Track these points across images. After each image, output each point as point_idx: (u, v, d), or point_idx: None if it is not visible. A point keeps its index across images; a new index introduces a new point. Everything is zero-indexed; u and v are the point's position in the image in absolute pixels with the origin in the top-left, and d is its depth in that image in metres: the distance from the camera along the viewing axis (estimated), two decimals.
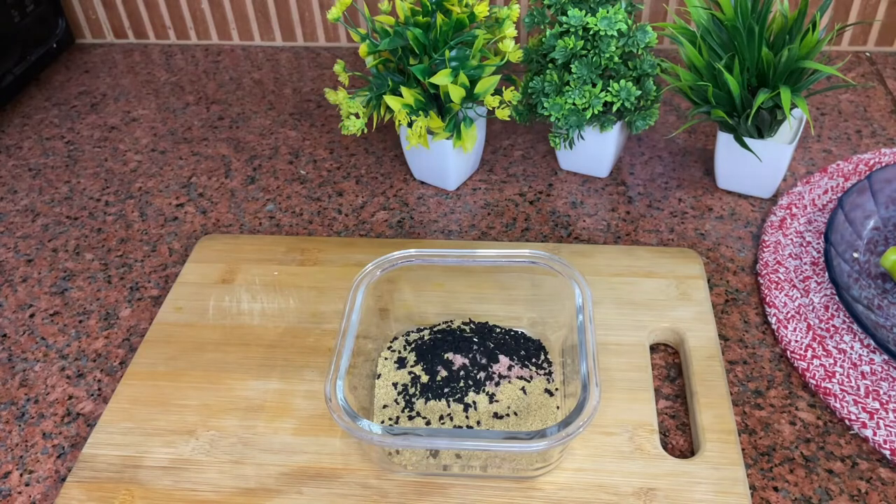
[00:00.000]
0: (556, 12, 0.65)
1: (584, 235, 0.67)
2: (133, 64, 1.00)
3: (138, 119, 0.88)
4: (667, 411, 0.52)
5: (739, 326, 0.58)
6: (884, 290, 0.58)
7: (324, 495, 0.47)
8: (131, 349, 0.59)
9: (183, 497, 0.48)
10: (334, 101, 0.68)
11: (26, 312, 0.63)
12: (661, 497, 0.46)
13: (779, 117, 0.64)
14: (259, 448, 0.50)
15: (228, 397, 0.54)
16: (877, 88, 0.84)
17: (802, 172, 0.72)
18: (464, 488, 0.47)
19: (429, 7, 0.64)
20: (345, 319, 0.49)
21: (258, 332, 0.58)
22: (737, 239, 0.66)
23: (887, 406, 0.51)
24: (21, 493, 0.50)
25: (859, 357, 0.54)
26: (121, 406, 0.54)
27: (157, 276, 0.66)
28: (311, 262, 0.64)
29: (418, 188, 0.74)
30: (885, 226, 0.64)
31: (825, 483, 0.47)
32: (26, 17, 0.92)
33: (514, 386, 0.51)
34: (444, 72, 0.62)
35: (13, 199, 0.77)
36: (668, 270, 0.60)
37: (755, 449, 0.49)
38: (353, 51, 0.99)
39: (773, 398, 0.52)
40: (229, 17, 1.00)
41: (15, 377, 0.58)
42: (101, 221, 0.73)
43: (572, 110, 0.66)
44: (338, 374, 0.46)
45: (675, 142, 0.78)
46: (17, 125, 0.88)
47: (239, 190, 0.75)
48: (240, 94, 0.91)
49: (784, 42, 0.61)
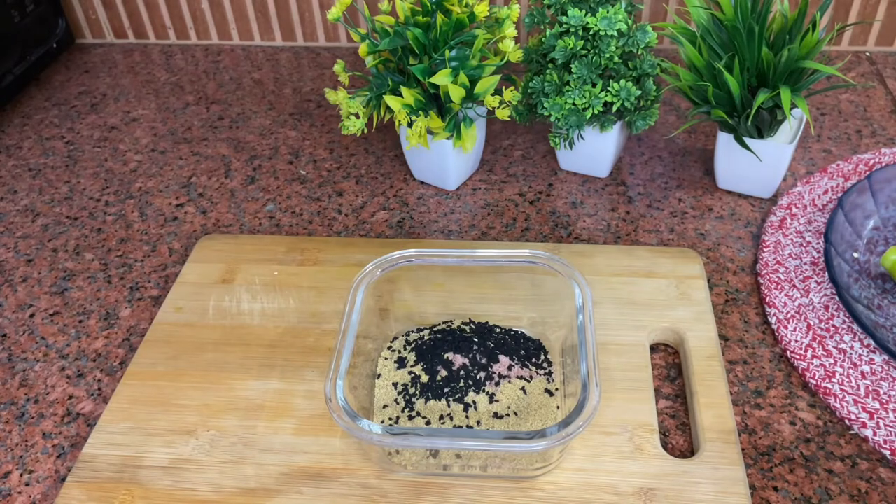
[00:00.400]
0: (556, 12, 0.65)
1: (584, 235, 0.67)
2: (133, 64, 1.00)
3: (138, 119, 0.88)
4: (667, 411, 0.52)
5: (739, 326, 0.58)
6: (884, 290, 0.58)
7: (324, 495, 0.47)
8: (131, 349, 0.59)
9: (183, 497, 0.48)
10: (334, 101, 0.68)
11: (26, 312, 0.63)
12: (661, 497, 0.46)
13: (779, 117, 0.64)
14: (259, 448, 0.50)
15: (228, 397, 0.54)
16: (877, 88, 0.84)
17: (802, 172, 0.72)
18: (464, 488, 0.47)
19: (429, 7, 0.64)
20: (345, 319, 0.49)
21: (258, 332, 0.58)
22: (737, 239, 0.66)
23: (887, 406, 0.51)
24: (21, 493, 0.50)
25: (859, 357, 0.54)
26: (121, 406, 0.54)
27: (157, 276, 0.66)
28: (311, 262, 0.64)
29: (418, 188, 0.74)
30: (885, 226, 0.64)
31: (825, 483, 0.47)
32: (26, 17, 0.92)
33: (514, 386, 0.51)
34: (444, 72, 0.62)
35: (13, 199, 0.77)
36: (668, 270, 0.60)
37: (755, 449, 0.49)
38: (353, 51, 0.99)
39: (773, 398, 0.52)
40: (229, 17, 1.00)
41: (15, 377, 0.58)
42: (101, 221, 0.73)
43: (572, 110, 0.66)
44: (338, 374, 0.46)
45: (675, 142, 0.78)
46: (17, 125, 0.88)
47: (239, 190, 0.75)
48: (240, 94, 0.91)
49: (784, 42, 0.61)
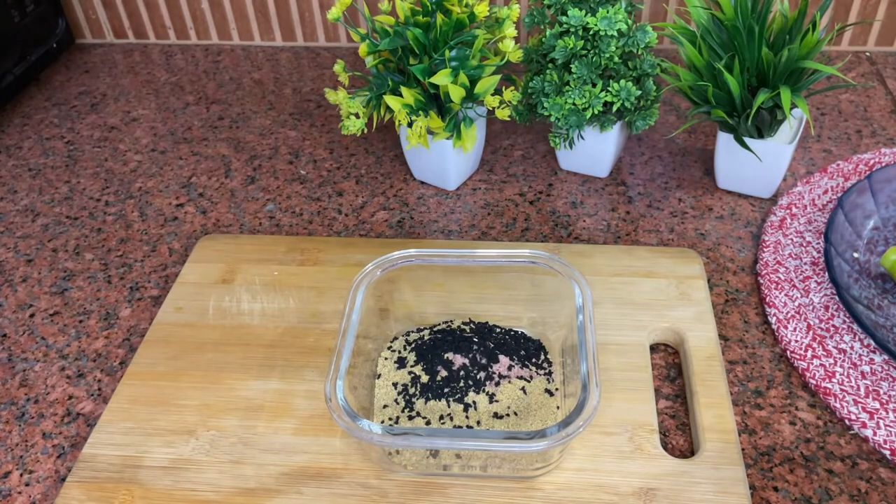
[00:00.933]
0: (556, 12, 0.65)
1: (584, 235, 0.67)
2: (133, 64, 1.00)
3: (138, 119, 0.88)
4: (667, 411, 0.52)
5: (739, 326, 0.58)
6: (884, 290, 0.58)
7: (324, 495, 0.47)
8: (131, 349, 0.59)
9: (183, 497, 0.48)
10: (334, 101, 0.68)
11: (26, 312, 0.63)
12: (661, 497, 0.46)
13: (779, 117, 0.64)
14: (259, 448, 0.50)
15: (228, 397, 0.54)
16: (877, 88, 0.84)
17: (802, 172, 0.72)
18: (464, 488, 0.47)
19: (429, 7, 0.64)
20: (345, 319, 0.49)
21: (258, 332, 0.58)
22: (737, 239, 0.65)
23: (887, 406, 0.51)
24: (21, 493, 0.50)
25: (859, 357, 0.54)
26: (121, 406, 0.54)
27: (157, 276, 0.66)
28: (311, 262, 0.64)
29: (418, 188, 0.74)
30: (885, 226, 0.64)
31: (825, 483, 0.47)
32: (26, 17, 0.92)
33: (514, 386, 0.51)
34: (444, 72, 0.62)
35: (13, 199, 0.77)
36: (668, 270, 0.60)
37: (755, 449, 0.49)
38: (353, 51, 0.99)
39: (773, 398, 0.52)
40: (229, 17, 1.00)
41: (15, 377, 0.58)
42: (101, 221, 0.73)
43: (572, 110, 0.66)
44: (338, 374, 0.46)
45: (675, 142, 0.78)
46: (17, 125, 0.88)
47: (239, 190, 0.75)
48: (240, 94, 0.91)
49: (784, 42, 0.61)
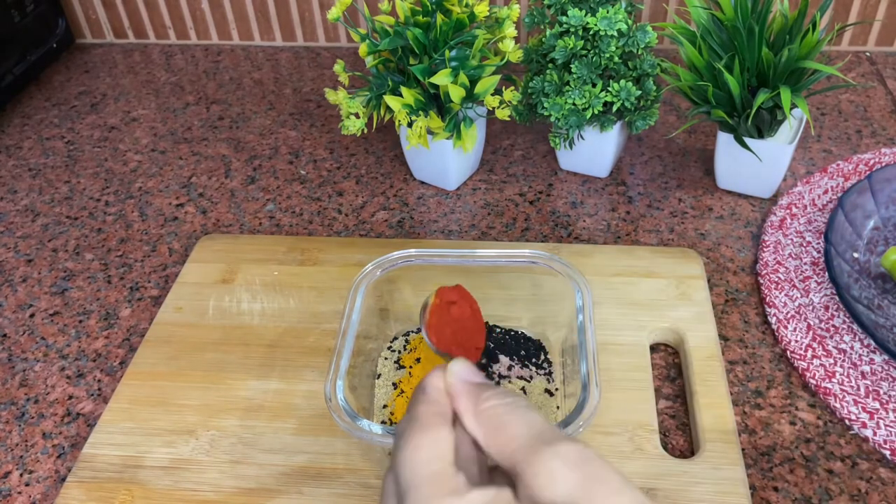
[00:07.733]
0: (556, 12, 0.65)
1: (584, 235, 0.67)
2: (133, 64, 1.00)
3: (138, 119, 0.88)
4: (667, 411, 0.52)
5: (739, 326, 0.58)
6: (884, 290, 0.58)
7: (324, 495, 0.47)
8: (131, 349, 0.59)
9: (183, 497, 0.48)
10: (334, 101, 0.67)
11: (26, 312, 0.63)
12: (661, 497, 0.46)
13: (779, 117, 0.64)
14: (259, 448, 0.50)
15: (228, 397, 0.54)
16: (877, 88, 0.84)
17: (802, 172, 0.72)
18: None
19: (429, 7, 0.64)
20: (345, 319, 0.49)
21: (258, 332, 0.58)
22: (737, 239, 0.65)
23: (887, 406, 0.51)
24: (21, 493, 0.50)
25: (859, 357, 0.54)
26: (121, 406, 0.54)
27: (157, 276, 0.66)
28: (311, 262, 0.64)
29: (418, 188, 0.74)
30: (885, 226, 0.64)
31: (825, 483, 0.47)
32: (26, 17, 0.92)
33: (514, 386, 0.51)
34: (444, 72, 0.62)
35: (13, 199, 0.77)
36: (668, 270, 0.60)
37: (755, 449, 0.49)
38: (353, 51, 0.99)
39: (773, 398, 0.52)
40: (229, 17, 1.00)
41: (15, 377, 0.58)
42: (101, 221, 0.73)
43: (572, 110, 0.66)
44: (338, 374, 0.46)
45: (675, 142, 0.78)
46: (17, 125, 0.88)
47: (239, 190, 0.75)
48: (240, 94, 0.91)
49: (784, 42, 0.61)
